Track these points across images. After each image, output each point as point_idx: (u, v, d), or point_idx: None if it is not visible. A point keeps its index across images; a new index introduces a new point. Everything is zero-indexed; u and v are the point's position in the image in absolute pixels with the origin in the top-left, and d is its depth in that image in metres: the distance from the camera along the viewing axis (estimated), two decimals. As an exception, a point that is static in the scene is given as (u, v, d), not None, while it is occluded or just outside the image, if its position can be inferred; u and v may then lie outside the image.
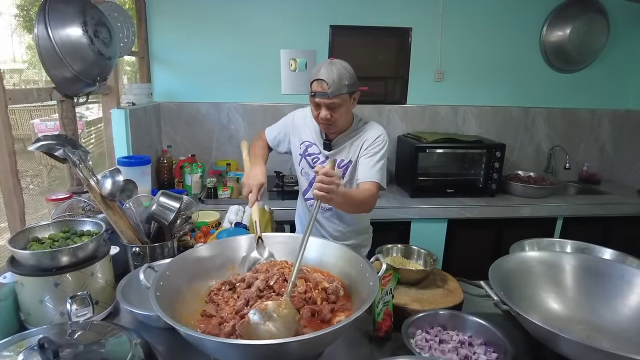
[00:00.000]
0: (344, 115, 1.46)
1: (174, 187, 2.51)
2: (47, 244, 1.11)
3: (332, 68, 1.38)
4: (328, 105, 1.40)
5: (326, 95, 1.38)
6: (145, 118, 2.40)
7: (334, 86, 1.37)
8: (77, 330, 0.93)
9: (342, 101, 1.41)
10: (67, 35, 1.45)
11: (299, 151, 1.63)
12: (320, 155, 1.61)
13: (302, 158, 1.63)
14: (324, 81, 1.37)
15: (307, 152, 1.62)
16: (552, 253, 1.19)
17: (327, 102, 1.40)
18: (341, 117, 1.45)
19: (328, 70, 1.38)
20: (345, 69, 1.41)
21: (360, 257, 1.01)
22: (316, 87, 1.40)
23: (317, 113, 1.45)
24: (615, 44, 2.94)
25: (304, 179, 1.66)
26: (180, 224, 1.47)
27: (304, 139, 1.62)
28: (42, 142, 1.29)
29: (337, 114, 1.43)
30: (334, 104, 1.40)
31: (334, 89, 1.37)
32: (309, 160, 1.62)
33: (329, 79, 1.37)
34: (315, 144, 1.61)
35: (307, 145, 1.61)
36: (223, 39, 2.67)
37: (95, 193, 1.30)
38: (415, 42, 2.80)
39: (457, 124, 2.97)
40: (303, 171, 1.65)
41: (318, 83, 1.39)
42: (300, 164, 1.64)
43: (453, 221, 2.50)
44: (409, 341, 0.96)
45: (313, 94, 1.41)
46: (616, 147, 3.15)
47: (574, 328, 1.02)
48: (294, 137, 1.64)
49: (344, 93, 1.40)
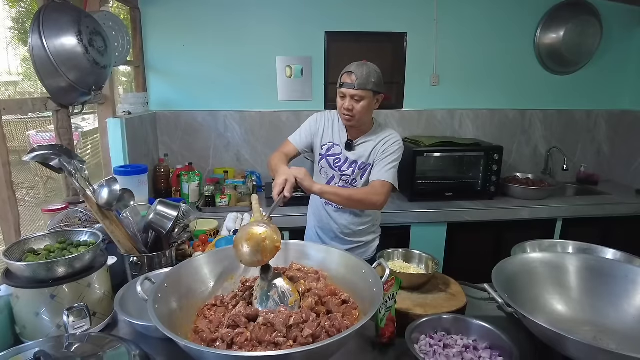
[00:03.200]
0: (365, 111, 1.57)
1: (171, 196, 2.50)
2: (42, 255, 1.09)
3: (363, 66, 1.55)
4: (352, 96, 1.54)
5: (352, 86, 1.52)
6: (141, 127, 2.39)
7: (360, 79, 1.52)
8: (74, 342, 0.90)
9: (365, 95, 1.54)
10: (62, 45, 1.44)
11: (321, 151, 1.72)
12: (341, 156, 1.69)
13: (323, 158, 1.71)
14: (353, 73, 1.53)
15: (329, 153, 1.70)
16: (555, 254, 1.18)
17: (352, 92, 1.53)
18: (362, 112, 1.56)
19: (359, 66, 1.54)
20: (375, 70, 1.56)
21: (362, 263, 1.00)
22: (345, 79, 1.56)
23: (341, 103, 1.58)
24: (608, 45, 2.96)
25: (322, 177, 1.74)
26: (178, 232, 1.46)
27: (327, 140, 1.71)
28: (37, 152, 1.27)
29: (359, 107, 1.55)
30: (358, 96, 1.53)
31: (360, 82, 1.52)
32: (330, 161, 1.70)
33: (358, 73, 1.52)
34: (338, 144, 1.69)
35: (329, 146, 1.71)
36: (218, 47, 2.67)
37: (91, 203, 1.29)
38: (410, 46, 2.82)
39: (454, 127, 2.98)
40: (322, 170, 1.73)
41: (347, 75, 1.55)
42: (320, 163, 1.73)
43: (452, 225, 2.49)
44: (413, 347, 0.94)
45: (341, 85, 1.56)
46: (613, 147, 3.17)
47: (579, 329, 1.01)
48: (317, 137, 1.73)
49: (368, 89, 1.53)
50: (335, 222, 1.75)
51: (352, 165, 1.68)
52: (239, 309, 0.90)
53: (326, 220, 1.77)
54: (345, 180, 1.70)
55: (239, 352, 0.76)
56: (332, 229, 1.77)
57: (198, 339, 0.85)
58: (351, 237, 1.77)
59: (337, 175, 1.70)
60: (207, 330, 0.86)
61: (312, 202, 1.86)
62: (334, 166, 1.70)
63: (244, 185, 2.49)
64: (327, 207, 1.74)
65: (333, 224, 1.76)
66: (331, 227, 1.76)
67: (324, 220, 1.78)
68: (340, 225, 1.75)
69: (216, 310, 0.94)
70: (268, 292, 0.95)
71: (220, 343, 0.81)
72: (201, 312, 0.96)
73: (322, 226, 1.79)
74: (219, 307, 0.96)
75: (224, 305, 0.96)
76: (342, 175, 1.69)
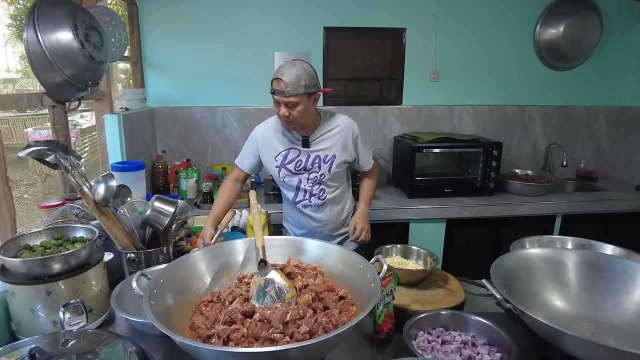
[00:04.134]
0: (303, 114, 1.51)
1: (169, 193, 2.49)
2: (38, 252, 1.09)
3: (292, 69, 1.46)
4: (286, 103, 1.48)
5: (283, 93, 1.45)
6: (139, 123, 2.38)
7: (290, 86, 1.44)
8: (70, 339, 0.90)
9: (299, 100, 1.47)
10: (57, 40, 1.43)
11: (276, 164, 1.66)
12: (301, 157, 1.63)
13: (282, 168, 1.65)
14: (282, 80, 1.45)
15: (287, 160, 1.64)
16: (554, 250, 1.17)
17: (284, 100, 1.47)
18: (300, 115, 1.51)
19: (288, 70, 1.45)
20: (305, 71, 1.47)
21: (360, 259, 0.99)
22: (275, 86, 1.48)
23: (277, 109, 1.52)
24: (608, 40, 2.95)
25: (288, 186, 1.69)
26: (176, 229, 1.45)
27: (279, 150, 1.65)
28: (33, 147, 1.26)
29: (295, 112, 1.49)
30: (291, 103, 1.47)
31: (290, 89, 1.44)
32: (291, 168, 1.64)
33: (287, 79, 1.44)
34: (292, 147, 1.63)
35: (284, 154, 1.64)
36: (216, 43, 2.65)
37: (88, 199, 1.28)
38: (409, 42, 2.80)
39: (453, 123, 2.97)
40: (285, 179, 1.67)
41: (277, 82, 1.47)
42: (280, 174, 1.66)
43: (452, 221, 2.48)
44: (410, 343, 0.94)
45: (272, 92, 1.49)
46: (612, 143, 3.16)
47: (578, 325, 1.01)
48: (265, 154, 1.67)
49: (301, 93, 1.46)
50: (317, 221, 1.72)
51: (316, 161, 1.63)
52: (235, 305, 0.89)
53: (307, 223, 1.73)
54: (314, 178, 1.64)
55: (235, 348, 0.75)
56: (317, 230, 1.73)
57: (194, 335, 0.84)
58: (336, 231, 1.76)
59: (304, 176, 1.65)
60: (203, 327, 0.85)
61: (288, 214, 1.82)
62: (295, 171, 1.64)
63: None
64: (305, 209, 1.70)
65: (316, 224, 1.72)
66: (315, 228, 1.73)
67: (305, 225, 1.74)
68: (324, 222, 1.72)
69: (212, 307, 0.94)
70: (265, 288, 0.94)
71: (216, 339, 0.80)
72: (197, 309, 0.95)
73: (306, 232, 1.75)
74: (216, 303, 0.95)
75: (220, 302, 0.95)
76: (310, 174, 1.64)
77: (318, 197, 1.67)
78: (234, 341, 0.79)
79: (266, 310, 0.85)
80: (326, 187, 1.67)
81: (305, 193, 1.67)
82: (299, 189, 1.67)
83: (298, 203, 1.70)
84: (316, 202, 1.67)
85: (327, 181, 1.66)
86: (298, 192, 1.68)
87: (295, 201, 1.70)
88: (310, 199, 1.67)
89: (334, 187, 1.69)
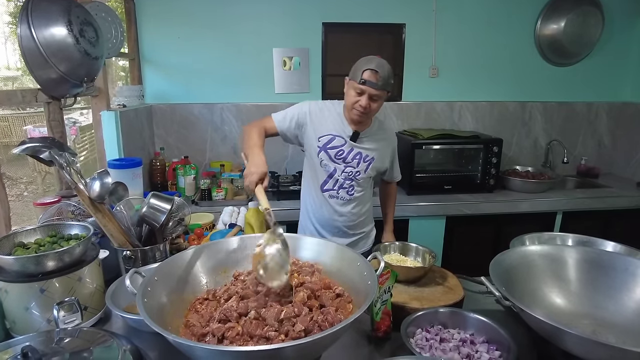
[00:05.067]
0: (378, 109, 1.56)
1: (167, 190, 2.48)
2: (32, 249, 1.07)
3: (384, 63, 1.49)
4: (372, 95, 1.49)
5: (376, 85, 1.47)
6: (136, 120, 2.36)
7: (384, 80, 1.48)
8: (64, 337, 0.89)
9: (382, 95, 1.52)
10: (52, 35, 1.41)
11: (317, 144, 1.63)
12: (344, 147, 1.63)
13: (322, 151, 1.63)
14: (377, 72, 1.46)
15: (329, 145, 1.63)
16: (554, 247, 1.16)
17: (373, 92, 1.48)
18: (375, 110, 1.55)
19: (382, 64, 1.48)
20: (390, 69, 1.51)
21: (357, 256, 0.98)
22: (369, 76, 1.47)
23: (356, 100, 1.52)
24: (610, 36, 2.92)
25: (323, 170, 1.66)
26: (173, 226, 1.44)
27: (324, 133, 1.63)
28: (27, 144, 1.25)
29: (375, 105, 1.53)
30: (377, 96, 1.50)
31: (383, 83, 1.48)
32: (332, 154, 1.63)
33: (382, 72, 1.47)
34: (340, 135, 1.62)
35: (329, 138, 1.62)
36: (214, 39, 2.63)
37: (83, 196, 1.27)
38: (408, 38, 2.78)
39: (453, 120, 2.95)
40: (323, 163, 1.65)
41: (372, 73, 1.47)
42: (319, 155, 1.64)
43: (451, 218, 2.47)
44: (408, 341, 0.92)
45: (363, 82, 1.48)
46: (614, 140, 3.14)
47: (578, 323, 1.00)
48: (311, 129, 1.63)
49: (387, 89, 1.51)
50: (340, 215, 1.70)
51: (357, 157, 1.63)
52: (231, 303, 0.88)
53: (329, 215, 1.70)
54: (349, 172, 1.64)
55: (229, 346, 0.74)
56: (336, 225, 1.71)
57: (189, 332, 0.83)
58: (353, 230, 1.74)
59: (340, 167, 1.64)
60: (198, 325, 0.84)
61: (309, 200, 1.77)
62: (335, 159, 1.63)
63: (241, 179, 2.47)
64: (331, 200, 1.68)
65: (338, 217, 1.70)
66: (335, 222, 1.71)
67: (326, 216, 1.71)
68: (345, 218, 1.70)
69: (208, 304, 0.92)
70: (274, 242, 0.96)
71: (210, 337, 0.79)
72: (192, 306, 0.94)
73: (323, 223, 1.73)
74: (211, 301, 0.94)
75: (215, 299, 0.94)
76: (346, 167, 1.64)
77: (347, 192, 1.67)
78: (229, 339, 0.78)
79: (261, 309, 0.84)
80: (356, 185, 1.67)
81: (335, 183, 1.66)
82: (331, 177, 1.65)
83: (325, 191, 1.67)
84: (344, 196, 1.67)
85: (360, 179, 1.66)
86: (329, 180, 1.66)
87: (324, 189, 1.67)
88: (339, 191, 1.66)
89: (362, 187, 1.70)
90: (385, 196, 1.93)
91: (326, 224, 1.72)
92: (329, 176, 1.66)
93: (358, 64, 1.52)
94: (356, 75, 1.50)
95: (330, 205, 1.69)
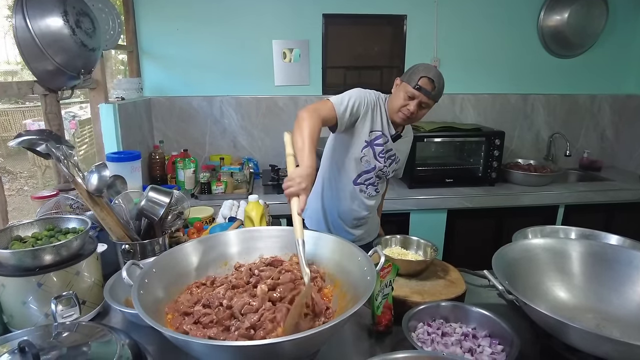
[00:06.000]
0: (420, 118, 1.55)
1: (166, 183, 2.46)
2: (29, 243, 1.06)
3: (440, 75, 1.47)
4: (422, 102, 1.47)
5: (430, 94, 1.45)
6: (135, 113, 2.34)
7: (438, 90, 1.46)
8: (62, 332, 0.88)
9: (431, 105, 1.50)
10: (47, 26, 1.39)
11: (367, 138, 1.56)
12: (385, 147, 1.59)
13: (369, 146, 1.57)
14: (434, 83, 1.45)
15: (376, 142, 1.57)
16: (557, 240, 1.15)
17: (425, 100, 1.47)
18: (419, 117, 1.54)
19: (439, 75, 1.47)
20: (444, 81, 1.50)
21: (357, 250, 0.97)
22: (425, 84, 1.45)
23: (405, 104, 1.49)
24: (614, 27, 2.89)
25: (361, 164, 1.59)
26: (172, 219, 1.42)
27: (374, 128, 1.57)
28: (24, 137, 1.23)
29: (421, 113, 1.51)
30: (426, 104, 1.49)
31: (436, 93, 1.46)
32: (376, 151, 1.58)
33: (439, 84, 1.46)
34: (385, 134, 1.58)
35: (377, 134, 1.57)
36: (213, 31, 2.60)
37: (81, 189, 1.25)
38: (410, 29, 2.75)
39: (454, 112, 2.92)
40: (364, 159, 1.58)
41: (429, 81, 1.45)
42: (363, 150, 1.56)
43: (453, 211, 2.46)
44: (410, 335, 0.91)
45: (418, 87, 1.45)
46: (617, 133, 3.11)
47: (582, 317, 0.98)
48: (364, 121, 1.54)
49: (437, 100, 1.50)
50: (360, 207, 1.66)
51: (392, 157, 1.62)
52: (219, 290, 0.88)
53: (349, 207, 1.65)
54: (382, 171, 1.62)
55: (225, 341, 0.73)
56: (349, 216, 1.67)
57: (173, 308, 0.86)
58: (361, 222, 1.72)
59: (379, 165, 1.60)
60: (186, 303, 0.86)
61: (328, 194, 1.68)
62: (378, 157, 1.58)
63: (241, 172, 2.45)
64: (361, 194, 1.64)
65: (356, 209, 1.66)
66: (351, 213, 1.67)
67: (345, 208, 1.66)
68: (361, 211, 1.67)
69: (204, 289, 0.93)
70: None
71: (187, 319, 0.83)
72: (189, 288, 0.96)
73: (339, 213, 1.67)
74: (208, 287, 0.94)
75: (213, 286, 0.94)
76: (383, 167, 1.61)
77: (375, 189, 1.66)
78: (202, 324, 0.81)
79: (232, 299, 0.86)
80: (380, 184, 1.67)
81: (368, 179, 1.62)
82: (367, 172, 1.60)
83: (358, 185, 1.63)
84: (371, 193, 1.66)
85: (385, 178, 1.67)
86: (363, 175, 1.61)
87: (357, 182, 1.62)
88: (368, 187, 1.64)
89: (383, 186, 1.71)
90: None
91: (348, 216, 1.67)
92: (366, 172, 1.60)
93: (416, 68, 1.48)
94: (412, 79, 1.46)
95: (359, 200, 1.65)
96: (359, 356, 0.95)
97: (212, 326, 0.81)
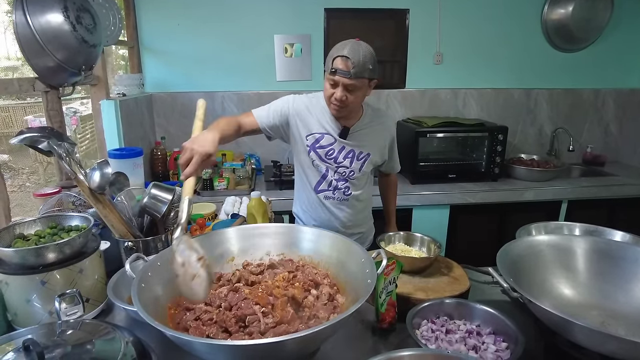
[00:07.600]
0: (358, 100, 1.40)
1: (169, 180, 2.46)
2: (32, 241, 1.06)
3: (358, 48, 1.31)
4: (346, 85, 1.33)
5: (348, 74, 1.30)
6: (137, 109, 2.34)
7: (357, 67, 1.30)
8: (66, 330, 0.88)
9: (360, 85, 1.34)
10: (47, 22, 1.37)
11: (306, 143, 1.50)
12: (334, 146, 1.49)
13: (312, 151, 1.50)
14: (349, 59, 1.29)
15: (318, 145, 1.49)
16: (562, 236, 1.14)
17: (347, 82, 1.32)
18: (355, 102, 1.38)
19: (355, 49, 1.30)
20: (371, 53, 1.34)
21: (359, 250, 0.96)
22: (339, 64, 1.31)
23: (331, 92, 1.37)
24: (619, 20, 2.85)
25: (315, 170, 1.53)
26: (174, 216, 1.42)
27: (312, 131, 1.49)
28: (25, 134, 1.23)
29: (352, 96, 1.36)
30: (352, 86, 1.33)
31: (356, 70, 1.30)
32: (321, 153, 1.49)
33: (354, 58, 1.29)
34: (329, 133, 1.48)
35: (317, 137, 1.48)
36: (215, 26, 2.58)
37: (83, 187, 1.25)
38: (412, 23, 2.72)
39: (457, 107, 2.91)
40: (314, 163, 1.52)
41: (342, 60, 1.31)
42: (309, 155, 1.51)
43: (455, 207, 2.45)
44: (414, 332, 0.91)
45: (334, 71, 1.32)
46: (621, 127, 3.09)
47: (587, 314, 0.98)
48: (295, 128, 1.49)
49: (365, 77, 1.33)
50: (336, 217, 1.58)
51: (349, 156, 1.50)
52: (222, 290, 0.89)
53: (326, 216, 1.58)
54: (342, 173, 1.51)
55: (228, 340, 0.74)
56: (333, 225, 1.58)
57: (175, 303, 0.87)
58: (351, 230, 1.62)
59: (332, 168, 1.51)
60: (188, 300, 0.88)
61: (302, 202, 1.65)
62: (326, 159, 1.50)
63: (243, 168, 2.45)
64: (326, 201, 1.56)
65: (334, 219, 1.58)
66: (332, 223, 1.58)
67: (323, 217, 1.59)
68: (342, 219, 1.59)
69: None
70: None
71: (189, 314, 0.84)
72: None
73: (320, 223, 1.60)
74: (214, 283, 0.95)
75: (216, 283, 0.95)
76: (338, 167, 1.51)
77: (343, 193, 1.55)
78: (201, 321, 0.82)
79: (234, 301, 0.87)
80: (351, 185, 1.54)
81: (329, 185, 1.53)
82: (324, 178, 1.53)
83: (320, 192, 1.56)
84: (340, 197, 1.55)
85: (355, 179, 1.53)
86: (322, 181, 1.54)
87: (318, 190, 1.56)
88: (334, 192, 1.54)
89: (360, 185, 1.57)
90: (385, 188, 1.80)
91: (324, 225, 1.58)
92: (322, 177, 1.53)
93: (331, 50, 1.36)
94: (328, 63, 1.34)
95: (326, 207, 1.57)
96: (363, 354, 0.95)
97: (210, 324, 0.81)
